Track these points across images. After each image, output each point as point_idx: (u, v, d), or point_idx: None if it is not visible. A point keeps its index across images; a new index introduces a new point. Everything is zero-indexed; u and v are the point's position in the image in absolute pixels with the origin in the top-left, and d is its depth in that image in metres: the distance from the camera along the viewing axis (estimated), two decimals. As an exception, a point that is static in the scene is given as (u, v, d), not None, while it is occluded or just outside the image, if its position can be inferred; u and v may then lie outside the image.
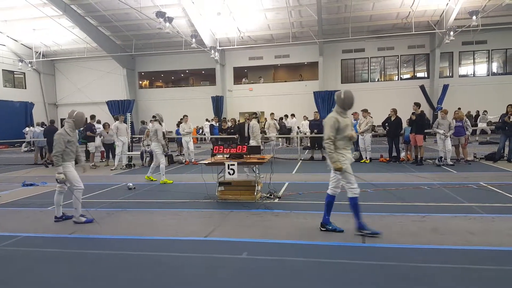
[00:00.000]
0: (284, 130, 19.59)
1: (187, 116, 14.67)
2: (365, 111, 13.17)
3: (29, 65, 28.17)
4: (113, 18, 25.26)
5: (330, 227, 5.26)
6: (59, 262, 4.54)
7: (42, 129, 16.83)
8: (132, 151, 14.32)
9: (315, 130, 14.22)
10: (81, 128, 16.99)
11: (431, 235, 4.99)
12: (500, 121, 12.20)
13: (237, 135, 13.55)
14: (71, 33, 27.37)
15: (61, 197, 6.25)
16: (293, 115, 21.48)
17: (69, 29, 26.59)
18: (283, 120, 22.60)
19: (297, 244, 4.85)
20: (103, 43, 27.48)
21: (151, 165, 10.34)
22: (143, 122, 19.00)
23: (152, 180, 10.20)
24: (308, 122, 18.37)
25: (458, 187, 8.05)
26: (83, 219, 6.10)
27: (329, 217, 5.31)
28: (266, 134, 15.82)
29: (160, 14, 18.29)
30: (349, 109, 5.26)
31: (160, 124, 10.18)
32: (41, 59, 29.03)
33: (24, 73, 30.09)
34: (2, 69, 28.96)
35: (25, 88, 30.93)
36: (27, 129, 24.33)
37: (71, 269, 4.32)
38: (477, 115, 22.99)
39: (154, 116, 10.61)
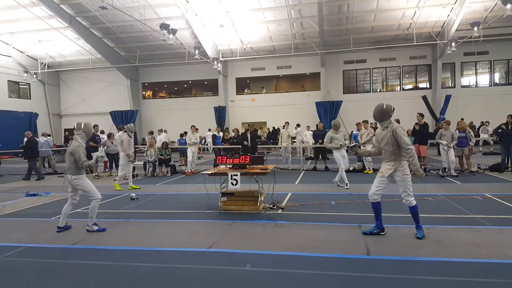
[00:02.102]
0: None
1: (194, 126, 14.73)
2: (365, 122, 13.18)
3: (34, 76, 28.43)
4: (118, 30, 25.55)
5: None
6: (61, 273, 4.52)
7: (47, 139, 16.88)
8: (135, 161, 14.33)
9: (320, 140, 14.19)
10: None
11: (436, 247, 4.95)
12: (498, 130, 12.18)
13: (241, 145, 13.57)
14: (76, 45, 27.68)
15: (70, 208, 6.35)
16: (298, 125, 21.40)
17: (74, 40, 26.90)
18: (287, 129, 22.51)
19: (301, 256, 4.82)
20: (107, 55, 27.78)
21: (120, 174, 11.01)
22: (151, 133, 19.10)
23: (135, 188, 10.77)
24: (311, 132, 18.32)
25: (463, 199, 8.01)
26: (96, 228, 6.20)
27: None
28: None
29: (164, 26, 18.51)
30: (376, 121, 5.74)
31: (128, 135, 10.79)
32: (46, 70, 29.29)
33: (29, 83, 30.35)
34: (8, 80, 29.22)
35: (30, 98, 31.16)
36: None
37: (73, 280, 4.30)
38: (481, 125, 22.91)
39: (124, 127, 11.09)
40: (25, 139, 14.91)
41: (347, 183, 9.84)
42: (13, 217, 7.68)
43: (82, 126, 6.30)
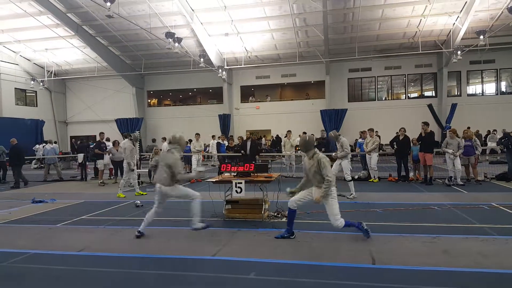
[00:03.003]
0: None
1: (198, 134, 14.78)
2: (371, 130, 13.15)
3: (41, 83, 28.72)
4: (124, 38, 25.82)
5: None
6: (66, 280, 4.53)
7: (53, 146, 16.99)
8: (140, 169, 14.39)
9: (323, 149, 14.16)
10: (91, 146, 17.30)
11: (442, 257, 4.90)
12: (504, 140, 12.10)
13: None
14: (82, 53, 28.00)
15: (154, 216, 6.36)
16: (304, 133, 21.33)
17: (81, 48, 27.21)
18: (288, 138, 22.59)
19: (306, 264, 4.79)
20: (113, 63, 28.02)
21: (132, 182, 11.30)
22: (153, 140, 19.16)
23: (141, 194, 10.95)
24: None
25: (469, 208, 7.93)
26: (201, 225, 6.24)
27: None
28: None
29: (170, 35, 18.66)
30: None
31: (132, 143, 11.09)
32: (52, 78, 29.62)
33: (36, 91, 30.64)
34: (15, 88, 29.54)
35: (36, 106, 31.45)
36: (37, 146, 24.62)
37: (78, 287, 4.31)
38: (488, 134, 22.77)
39: (130, 135, 11.34)
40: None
41: (352, 193, 9.73)
42: (19, 223, 7.71)
43: (178, 138, 6.41)
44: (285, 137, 16.84)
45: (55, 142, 19.30)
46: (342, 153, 9.98)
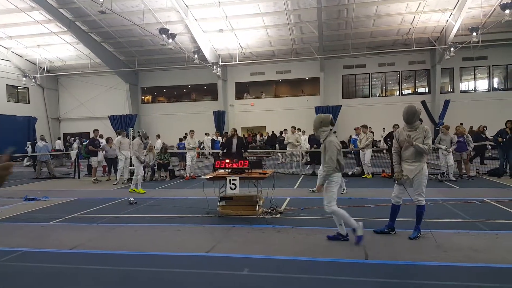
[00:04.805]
0: (282, 145, 19.51)
1: (193, 131, 14.75)
2: (364, 126, 13.20)
3: (33, 80, 28.46)
4: (117, 34, 25.63)
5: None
6: (59, 278, 4.51)
7: (45, 143, 16.84)
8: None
9: (315, 145, 14.18)
10: (85, 143, 17.20)
11: (434, 251, 4.94)
12: (496, 137, 12.18)
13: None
14: (75, 49, 27.76)
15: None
16: (299, 129, 21.32)
17: (73, 45, 26.99)
18: (283, 135, 22.71)
19: (299, 260, 4.81)
20: (106, 59, 27.82)
21: (133, 177, 11.24)
22: (146, 137, 19.03)
23: (135, 191, 10.98)
24: (306, 137, 18.28)
25: (461, 203, 8.00)
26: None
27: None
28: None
29: (163, 31, 18.57)
30: (406, 123, 5.67)
31: (141, 140, 11.38)
32: (45, 74, 29.35)
33: (28, 88, 30.35)
34: (6, 84, 29.23)
35: (29, 103, 31.16)
36: (28, 143, 24.41)
37: (71, 285, 4.29)
38: (479, 131, 22.85)
39: (138, 132, 11.52)
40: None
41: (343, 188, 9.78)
42: (12, 221, 7.65)
43: (323, 118, 5.57)
44: (293, 133, 16.69)
45: (42, 138, 19.03)
46: None
